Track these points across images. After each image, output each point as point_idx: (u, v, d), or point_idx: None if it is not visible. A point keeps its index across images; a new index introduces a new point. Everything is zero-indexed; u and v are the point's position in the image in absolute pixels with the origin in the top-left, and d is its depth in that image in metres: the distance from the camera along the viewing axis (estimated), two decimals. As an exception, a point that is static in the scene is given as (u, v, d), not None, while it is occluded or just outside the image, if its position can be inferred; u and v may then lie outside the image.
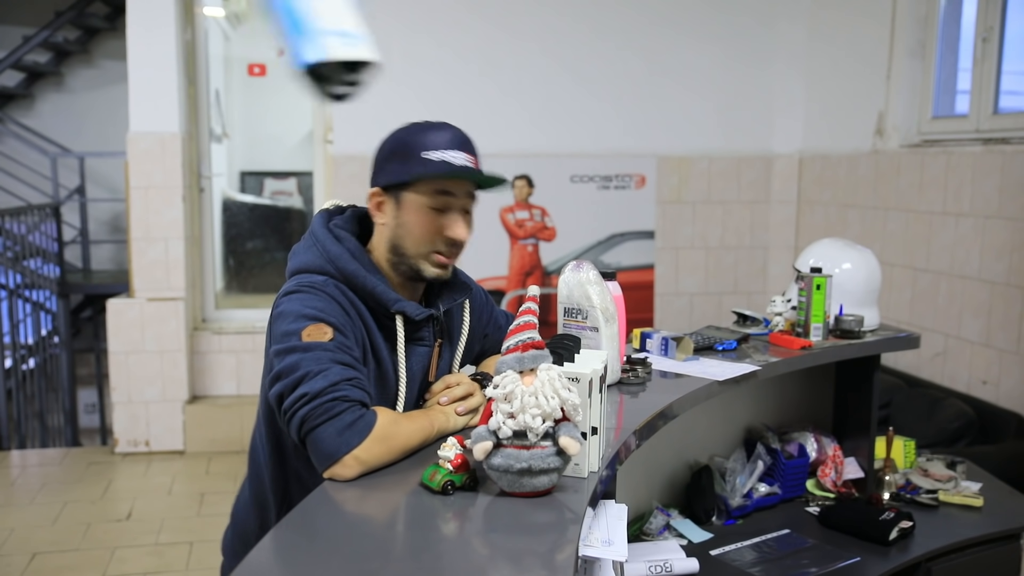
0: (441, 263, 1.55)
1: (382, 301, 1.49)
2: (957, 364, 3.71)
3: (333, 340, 1.38)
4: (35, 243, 6.29)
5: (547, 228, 4.92)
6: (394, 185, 1.52)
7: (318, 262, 1.50)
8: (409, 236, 1.52)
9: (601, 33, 4.84)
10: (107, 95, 7.36)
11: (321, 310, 1.42)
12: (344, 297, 1.47)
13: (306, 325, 1.39)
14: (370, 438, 1.30)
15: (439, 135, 1.51)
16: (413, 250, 1.52)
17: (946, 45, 4.00)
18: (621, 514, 1.35)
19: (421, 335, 1.57)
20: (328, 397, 1.31)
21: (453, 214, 1.51)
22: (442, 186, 1.49)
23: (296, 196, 8.43)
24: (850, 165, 4.50)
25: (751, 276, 5.16)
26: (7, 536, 3.67)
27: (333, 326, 1.40)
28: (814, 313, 2.13)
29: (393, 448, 1.34)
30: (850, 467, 2.33)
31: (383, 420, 1.34)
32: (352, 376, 1.36)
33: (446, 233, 1.51)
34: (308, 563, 1.07)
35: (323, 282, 1.47)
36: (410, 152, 1.50)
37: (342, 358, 1.37)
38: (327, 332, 1.38)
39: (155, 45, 4.53)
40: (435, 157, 1.48)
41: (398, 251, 1.53)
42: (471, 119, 4.96)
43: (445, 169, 1.48)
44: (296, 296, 1.45)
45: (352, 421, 1.30)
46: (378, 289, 1.49)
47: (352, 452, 1.29)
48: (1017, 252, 3.39)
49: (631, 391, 1.74)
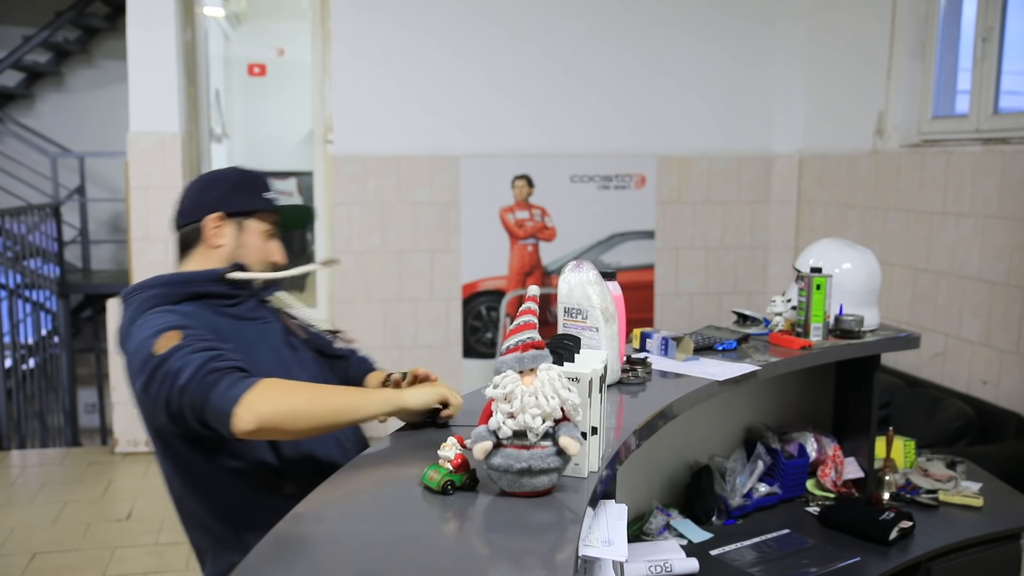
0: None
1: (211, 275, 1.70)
2: (957, 364, 3.71)
3: (184, 339, 1.51)
4: (35, 243, 6.29)
5: (547, 228, 4.92)
6: (240, 212, 1.77)
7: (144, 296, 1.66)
8: (250, 255, 1.77)
9: (601, 33, 4.84)
10: (107, 95, 7.36)
11: (161, 324, 1.56)
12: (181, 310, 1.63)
13: (153, 343, 1.52)
14: (258, 387, 1.44)
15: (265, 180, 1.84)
16: (255, 267, 1.77)
17: (946, 45, 4.00)
18: (621, 514, 1.35)
19: (262, 315, 1.79)
20: (204, 372, 1.46)
21: (275, 242, 1.83)
22: (272, 218, 1.82)
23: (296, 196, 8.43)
24: (850, 165, 4.50)
25: (751, 276, 5.16)
26: (7, 536, 3.67)
27: (177, 327, 1.54)
28: (814, 313, 2.13)
29: (289, 396, 1.45)
30: (850, 467, 2.33)
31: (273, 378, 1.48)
32: (217, 354, 1.50)
33: (272, 257, 1.81)
34: (308, 563, 1.07)
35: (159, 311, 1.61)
36: (255, 189, 1.80)
37: (200, 346, 1.51)
38: (175, 336, 1.52)
39: (155, 45, 4.53)
40: (270, 196, 1.82)
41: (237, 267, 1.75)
42: (471, 119, 5.01)
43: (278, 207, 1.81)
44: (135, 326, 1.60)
45: (233, 382, 1.45)
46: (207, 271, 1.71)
47: (240, 401, 1.42)
48: (1017, 252, 3.39)
49: (631, 391, 1.74)
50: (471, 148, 4.75)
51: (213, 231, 1.75)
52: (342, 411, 1.48)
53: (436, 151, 4.69)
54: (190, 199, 1.78)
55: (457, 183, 4.74)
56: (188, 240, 1.77)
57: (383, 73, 4.66)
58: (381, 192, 4.67)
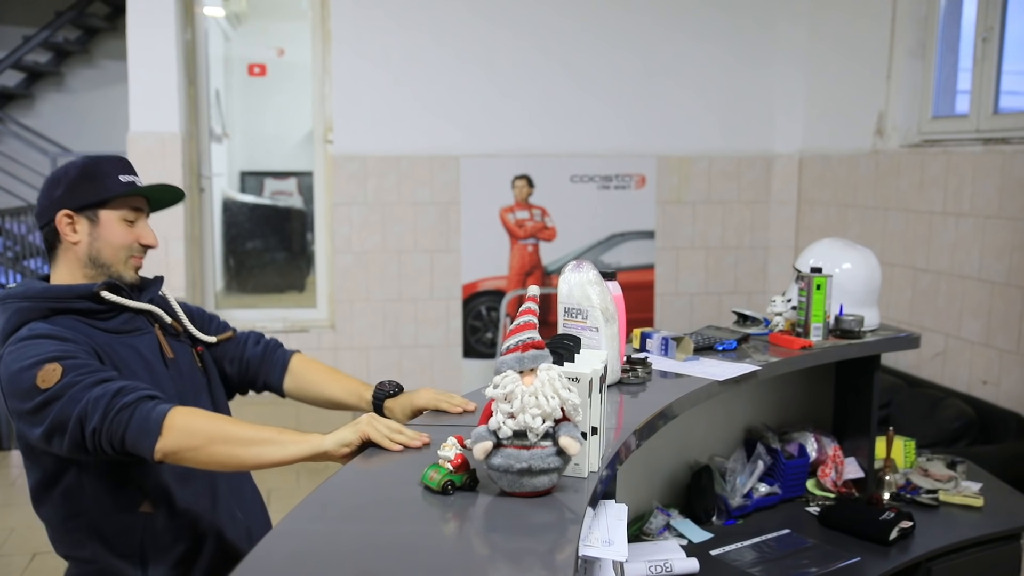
0: (137, 265, 1.74)
1: (84, 291, 1.64)
2: (957, 364, 3.71)
3: (66, 371, 1.49)
4: (35, 243, 6.29)
5: (547, 228, 4.92)
6: (89, 205, 1.68)
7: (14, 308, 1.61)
8: (108, 247, 1.69)
9: (601, 33, 4.84)
10: (107, 95, 7.36)
11: (37, 354, 1.52)
12: (54, 327, 1.58)
13: (34, 375, 1.49)
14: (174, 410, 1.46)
15: (121, 162, 1.73)
16: (113, 257, 1.70)
17: (946, 45, 4.00)
18: (621, 514, 1.35)
19: (137, 326, 1.72)
20: (114, 411, 1.45)
21: (143, 224, 1.74)
22: (133, 203, 1.72)
23: (296, 196, 8.44)
24: (850, 165, 4.50)
25: (751, 276, 5.16)
26: (7, 536, 3.67)
27: (55, 359, 1.50)
28: (814, 313, 2.13)
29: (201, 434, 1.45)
30: (850, 467, 2.33)
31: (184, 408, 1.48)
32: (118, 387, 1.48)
33: (142, 241, 1.73)
34: (307, 563, 1.07)
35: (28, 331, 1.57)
36: (104, 175, 1.69)
37: (90, 381, 1.48)
38: (55, 369, 1.49)
39: (155, 45, 4.52)
40: (126, 179, 1.71)
41: (97, 262, 1.70)
42: (471, 119, 5.01)
43: (134, 189, 1.70)
44: (8, 360, 1.54)
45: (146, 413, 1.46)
46: (75, 286, 1.65)
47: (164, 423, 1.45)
48: (1017, 252, 3.39)
49: (631, 391, 1.74)
50: (471, 148, 4.75)
51: (66, 229, 1.67)
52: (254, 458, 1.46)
53: (436, 151, 4.69)
54: (41, 199, 1.71)
55: (457, 183, 4.74)
56: (49, 242, 1.71)
57: (383, 73, 4.65)
58: (381, 192, 4.67)
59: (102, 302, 1.65)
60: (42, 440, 1.51)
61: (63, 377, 1.48)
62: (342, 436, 1.43)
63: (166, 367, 1.72)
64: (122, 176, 1.71)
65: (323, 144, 4.75)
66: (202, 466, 1.50)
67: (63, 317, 1.62)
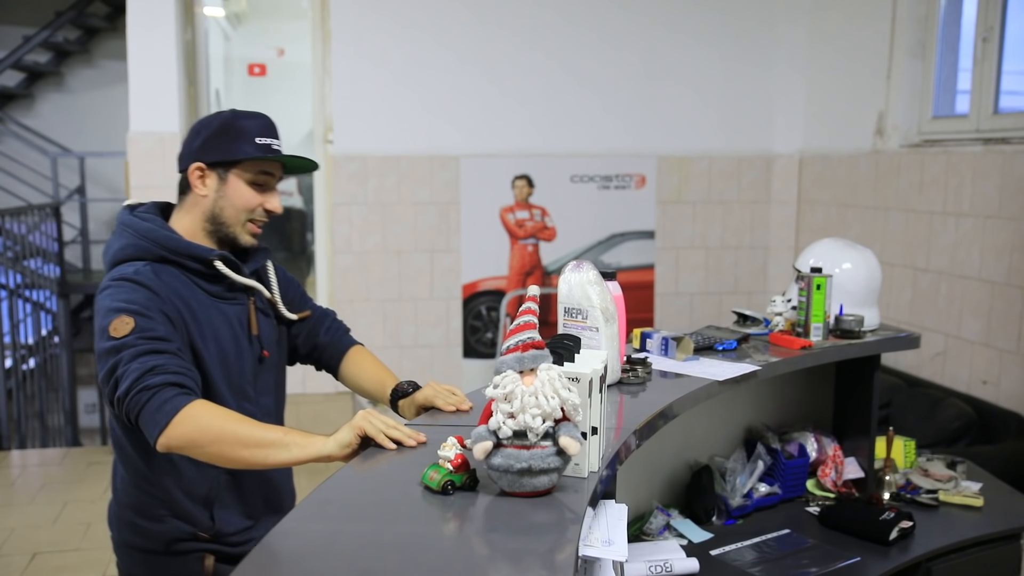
0: (254, 232, 1.74)
1: (201, 254, 1.67)
2: (957, 364, 3.71)
3: (134, 330, 1.53)
4: (35, 243, 6.29)
5: (547, 228, 4.92)
6: (221, 162, 1.69)
7: (132, 242, 1.67)
8: (232, 207, 1.70)
9: (601, 33, 4.84)
10: (107, 95, 7.36)
11: (126, 300, 1.57)
12: (156, 278, 1.62)
13: (112, 319, 1.55)
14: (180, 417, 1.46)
15: (262, 123, 1.71)
16: (233, 219, 1.71)
17: (946, 45, 4.00)
18: (621, 514, 1.35)
19: (234, 296, 1.73)
20: (137, 389, 1.49)
21: (271, 191, 1.73)
22: (266, 167, 1.71)
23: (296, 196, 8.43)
24: (850, 165, 4.50)
25: (751, 276, 5.16)
26: (7, 536, 3.67)
27: (135, 313, 1.55)
28: (814, 313, 2.13)
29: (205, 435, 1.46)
30: (850, 467, 2.33)
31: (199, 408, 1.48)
32: (154, 364, 1.50)
33: (267, 206, 1.72)
34: (307, 563, 1.07)
35: (133, 272, 1.62)
36: (241, 136, 1.68)
37: (143, 348, 1.52)
38: (128, 322, 1.54)
39: (155, 45, 4.52)
40: (262, 142, 1.69)
41: (217, 220, 1.71)
42: (471, 119, 5.01)
43: (268, 153, 1.69)
44: (107, 291, 1.61)
45: (160, 404, 1.47)
46: (193, 246, 1.67)
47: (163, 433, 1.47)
48: (1017, 252, 3.39)
49: (631, 391, 1.74)
50: (471, 148, 4.75)
51: (196, 181, 1.70)
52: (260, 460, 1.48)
53: (436, 151, 4.69)
54: (183, 146, 1.74)
55: (457, 183, 4.74)
56: (182, 186, 1.74)
57: (383, 73, 4.65)
58: (381, 192, 4.67)
59: (212, 268, 1.67)
60: (101, 382, 1.57)
61: (130, 333, 1.53)
62: (342, 437, 1.44)
63: (249, 342, 1.74)
64: (259, 138, 1.69)
65: (323, 144, 4.75)
66: (208, 461, 1.53)
67: (171, 267, 1.65)
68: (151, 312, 1.57)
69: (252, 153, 1.67)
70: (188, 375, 1.55)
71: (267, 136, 1.70)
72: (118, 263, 1.66)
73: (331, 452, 1.44)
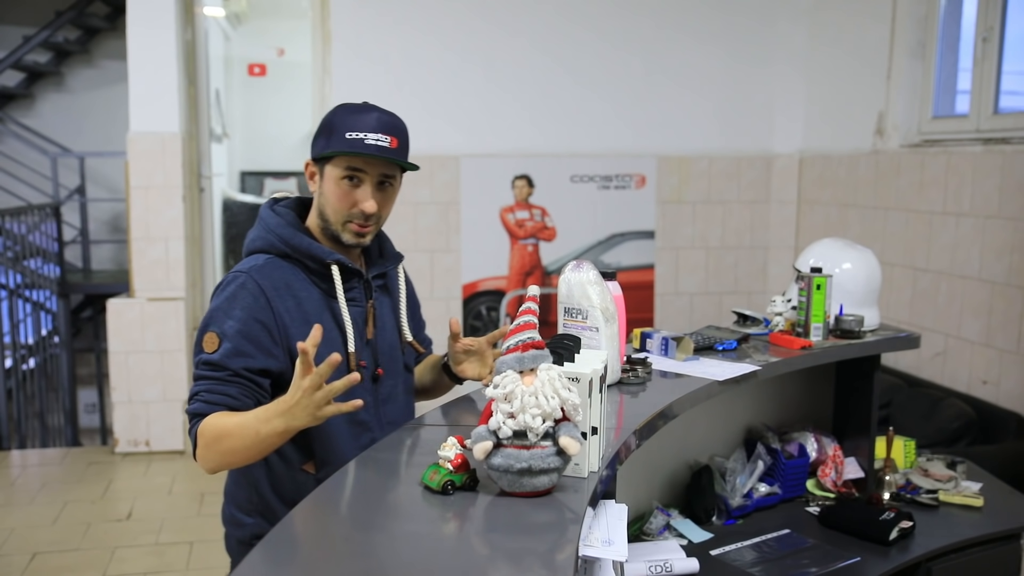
0: (356, 231, 1.68)
1: (318, 255, 1.65)
2: (957, 364, 3.71)
3: (217, 350, 1.57)
4: (35, 243, 6.29)
5: (547, 228, 4.92)
6: (320, 158, 1.66)
7: (261, 235, 1.69)
8: (329, 205, 1.67)
9: (601, 33, 4.84)
10: (107, 95, 7.35)
11: (224, 310, 1.59)
12: (268, 280, 1.62)
13: (207, 333, 1.60)
14: (198, 446, 1.53)
15: (363, 117, 1.63)
16: (333, 217, 1.67)
17: (946, 45, 4.00)
18: (621, 514, 1.35)
19: (353, 295, 1.70)
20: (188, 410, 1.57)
21: (364, 188, 1.65)
22: (353, 162, 1.63)
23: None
24: (850, 165, 4.50)
25: (751, 276, 5.16)
26: (7, 536, 3.67)
27: (222, 334, 1.58)
28: (814, 313, 2.13)
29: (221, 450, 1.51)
30: (850, 467, 2.33)
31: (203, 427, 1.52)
32: (202, 389, 1.55)
33: (359, 206, 1.65)
34: (307, 563, 1.07)
35: (249, 267, 1.63)
36: (335, 130, 1.63)
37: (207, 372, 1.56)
38: (214, 342, 1.58)
39: (155, 45, 4.53)
40: (352, 136, 1.60)
41: (323, 217, 1.69)
42: (471, 119, 5.00)
43: (354, 148, 1.61)
44: (226, 289, 1.63)
45: (193, 433, 1.55)
46: (313, 246, 1.66)
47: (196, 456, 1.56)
48: (1017, 252, 3.39)
49: (631, 391, 1.74)
50: (471, 148, 4.75)
51: (308, 178, 1.71)
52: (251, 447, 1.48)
53: (436, 151, 4.69)
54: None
55: (457, 183, 4.74)
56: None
57: (383, 73, 4.65)
58: (381, 192, 4.66)
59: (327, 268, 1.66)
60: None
61: (210, 352, 1.57)
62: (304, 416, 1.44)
63: (362, 346, 1.71)
64: (349, 133, 1.60)
65: (323, 144, 4.75)
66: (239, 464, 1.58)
67: (291, 263, 1.66)
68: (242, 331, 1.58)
69: (337, 148, 1.61)
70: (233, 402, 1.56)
71: (361, 130, 1.60)
72: (249, 254, 1.69)
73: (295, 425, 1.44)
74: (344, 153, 1.60)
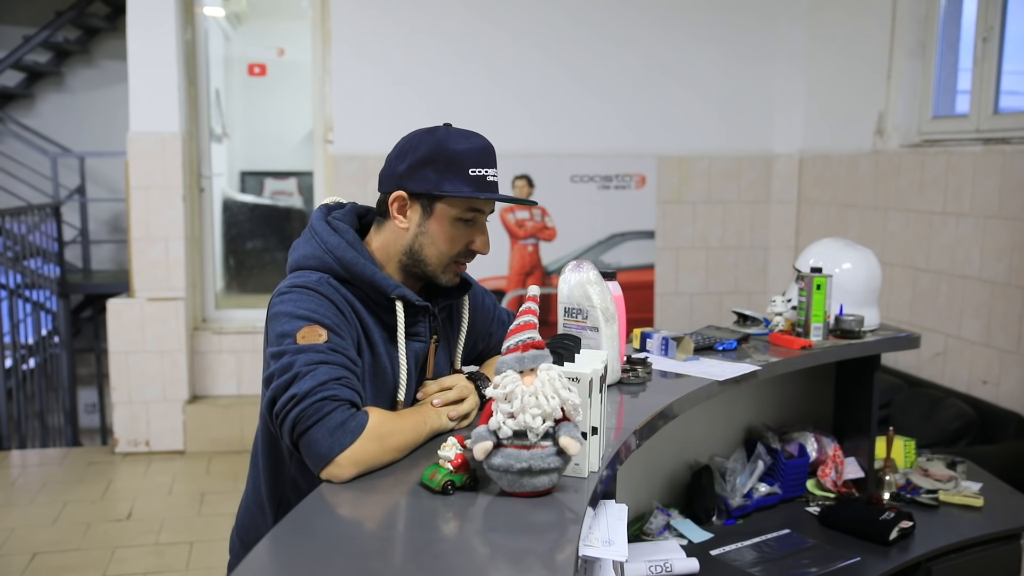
0: (458, 271, 1.56)
1: (382, 288, 1.48)
2: (957, 364, 3.71)
3: (327, 342, 1.38)
4: (35, 243, 6.29)
5: (547, 228, 4.92)
6: (427, 194, 1.49)
7: (316, 253, 1.51)
8: (434, 245, 1.51)
9: (601, 33, 4.84)
10: (107, 95, 7.36)
11: (315, 311, 1.41)
12: (338, 294, 1.47)
13: (301, 327, 1.39)
14: (363, 437, 1.29)
15: (478, 149, 1.49)
16: (435, 259, 1.52)
17: (946, 45, 4.00)
18: (621, 514, 1.35)
19: (417, 330, 1.56)
20: (317, 397, 1.30)
21: (480, 229, 1.53)
22: (475, 204, 1.50)
23: (296, 196, 8.42)
24: (850, 165, 4.50)
25: (751, 276, 5.16)
26: (7, 536, 3.67)
27: (328, 327, 1.40)
28: (814, 313, 2.13)
29: (387, 447, 1.33)
30: (850, 467, 2.33)
31: (376, 419, 1.33)
32: (341, 375, 1.35)
33: (473, 247, 1.53)
34: (308, 563, 1.07)
35: (317, 281, 1.47)
36: (451, 164, 1.47)
37: (334, 359, 1.36)
38: (322, 334, 1.38)
39: (155, 45, 4.53)
40: (475, 174, 1.47)
41: (416, 256, 1.52)
42: (471, 119, 4.97)
43: (485, 190, 1.48)
44: (290, 296, 1.44)
45: (343, 420, 1.29)
46: (377, 276, 1.49)
47: (345, 452, 1.28)
48: (1017, 252, 3.39)
49: (631, 391, 1.74)
50: (471, 148, 4.74)
51: (397, 212, 1.51)
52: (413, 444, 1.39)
53: (436, 151, 4.68)
54: (386, 166, 1.54)
55: (457, 183, 4.74)
56: (381, 208, 1.55)
57: (383, 73, 4.65)
58: (381, 192, 4.66)
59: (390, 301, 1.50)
60: (264, 381, 1.40)
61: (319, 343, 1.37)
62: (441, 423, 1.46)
63: (420, 382, 1.58)
64: (473, 170, 1.46)
65: (323, 144, 4.75)
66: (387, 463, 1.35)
67: (350, 288, 1.49)
68: (343, 332, 1.42)
69: (463, 190, 1.46)
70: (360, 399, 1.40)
71: (483, 166, 1.48)
72: (300, 268, 1.51)
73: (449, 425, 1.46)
74: (473, 196, 1.47)
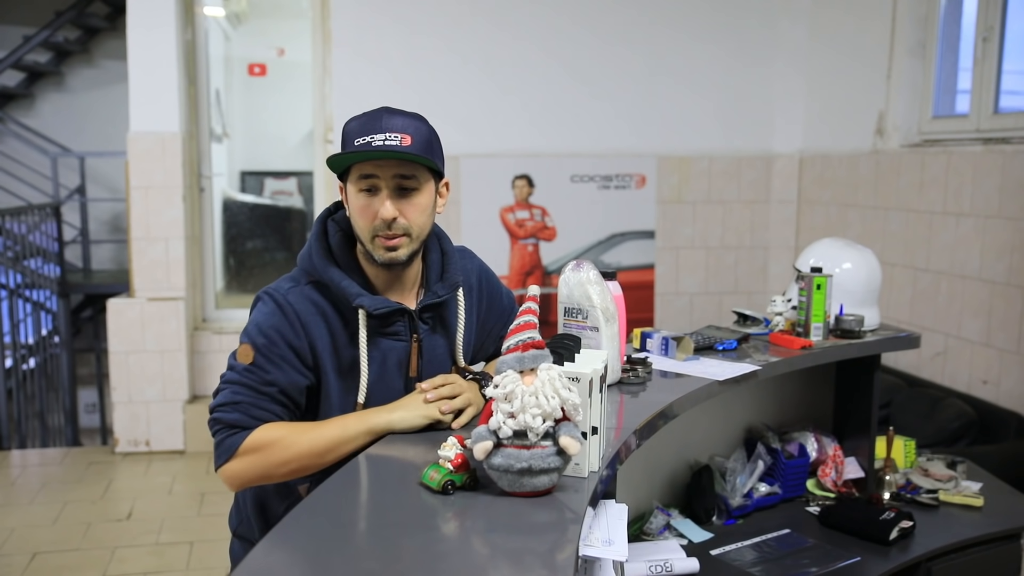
0: (385, 245, 1.51)
1: (343, 296, 1.52)
2: (957, 364, 3.71)
3: (251, 363, 1.49)
4: (35, 243, 6.29)
5: (547, 228, 4.92)
6: (343, 176, 1.54)
7: (305, 255, 1.59)
8: (355, 223, 1.54)
9: (601, 33, 4.84)
10: (107, 95, 7.36)
11: (260, 326, 1.51)
12: (307, 303, 1.53)
13: (244, 342, 1.52)
14: (236, 456, 1.46)
15: (373, 121, 1.47)
16: (363, 236, 1.53)
17: (946, 45, 4.00)
18: (621, 514, 1.35)
19: (395, 330, 1.57)
20: (212, 416, 1.50)
21: (380, 195, 1.49)
22: (364, 169, 1.48)
23: (296, 196, 8.43)
24: (850, 165, 4.50)
25: (751, 276, 5.16)
26: (7, 536, 3.67)
27: (258, 348, 1.50)
28: (814, 313, 2.13)
29: (272, 459, 1.45)
30: (850, 467, 2.33)
31: (259, 434, 1.46)
32: (239, 400, 1.48)
33: (384, 216, 1.48)
34: (308, 563, 1.07)
35: (288, 289, 1.54)
36: (345, 142, 1.49)
37: (246, 379, 1.49)
38: (249, 355, 1.50)
39: (155, 45, 4.53)
40: (361, 141, 1.46)
41: (360, 239, 1.55)
42: (472, 119, 5.00)
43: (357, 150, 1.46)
44: (259, 304, 1.55)
45: (220, 441, 1.48)
46: (342, 284, 1.52)
47: (222, 468, 1.48)
48: (1017, 252, 3.39)
49: (631, 391, 1.74)
50: (471, 148, 4.75)
51: (345, 202, 1.57)
52: (322, 452, 1.45)
53: (436, 151, 4.68)
54: None
55: (457, 183, 4.74)
56: None
57: (383, 73, 4.65)
58: (381, 192, 4.66)
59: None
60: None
61: (246, 363, 1.49)
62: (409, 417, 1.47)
63: (404, 383, 1.59)
64: (358, 139, 1.45)
65: (323, 144, 4.75)
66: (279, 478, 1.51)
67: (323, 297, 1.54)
68: (275, 351, 1.49)
69: (354, 157, 1.48)
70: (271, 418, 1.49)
71: (367, 133, 1.45)
72: (298, 268, 1.59)
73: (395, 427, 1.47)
74: (347, 157, 1.47)
